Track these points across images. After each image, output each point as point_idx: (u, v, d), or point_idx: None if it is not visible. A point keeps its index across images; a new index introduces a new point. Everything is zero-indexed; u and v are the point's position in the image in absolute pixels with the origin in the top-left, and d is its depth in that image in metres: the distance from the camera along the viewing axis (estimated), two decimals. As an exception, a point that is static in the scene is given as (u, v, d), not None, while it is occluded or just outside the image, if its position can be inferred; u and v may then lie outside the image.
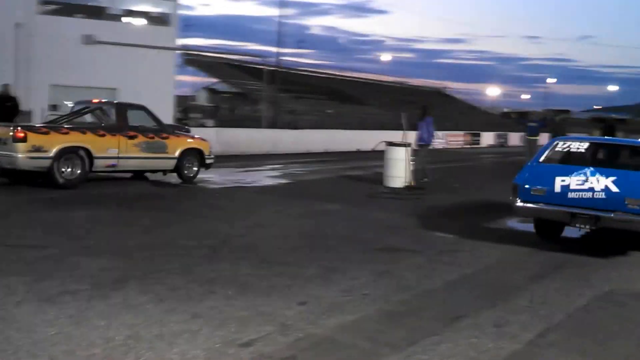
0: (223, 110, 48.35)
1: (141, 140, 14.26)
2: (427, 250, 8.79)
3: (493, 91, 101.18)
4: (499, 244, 9.43)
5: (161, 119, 15.23)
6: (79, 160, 13.16)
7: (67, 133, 13.16)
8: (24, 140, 12.48)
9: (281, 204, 12.34)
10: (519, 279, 7.48)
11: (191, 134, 16.09)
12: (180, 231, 9.31)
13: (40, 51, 21.18)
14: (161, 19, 27.33)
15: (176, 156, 14.80)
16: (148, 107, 15.01)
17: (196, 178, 15.23)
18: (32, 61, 21.13)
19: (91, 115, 14.53)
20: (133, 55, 23.97)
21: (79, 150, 13.15)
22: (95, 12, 24.53)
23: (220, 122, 34.15)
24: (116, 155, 13.82)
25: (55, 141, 12.83)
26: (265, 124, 33.15)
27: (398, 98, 75.92)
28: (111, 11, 25.28)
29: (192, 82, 57.34)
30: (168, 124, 15.94)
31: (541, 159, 10.16)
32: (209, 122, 34.47)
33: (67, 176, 13.02)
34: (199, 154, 15.28)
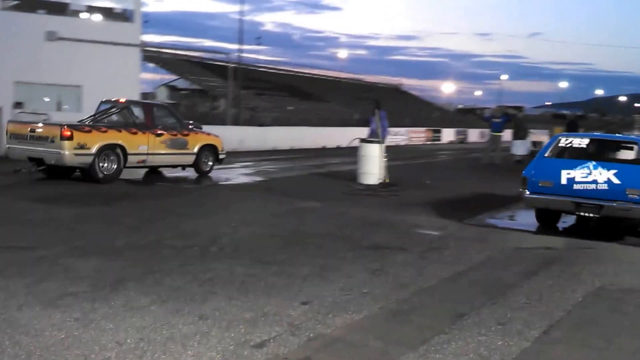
0: (182, 107, 47.84)
1: (167, 137, 15.18)
2: (414, 247, 8.84)
3: (448, 88, 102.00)
4: (484, 241, 9.53)
5: (181, 117, 16.28)
6: (115, 156, 14.05)
7: (106, 131, 14.02)
8: (71, 138, 13.30)
9: (261, 202, 12.31)
10: (511, 276, 7.57)
11: (206, 131, 16.77)
12: (166, 230, 9.23)
13: (3, 48, 20.69)
14: (124, 16, 26.94)
15: (195, 152, 15.82)
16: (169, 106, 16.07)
17: (210, 173, 16.33)
18: (-5, 58, 20.67)
19: (118, 114, 15.18)
20: (97, 52, 23.55)
21: (116, 147, 14.02)
22: (58, 9, 24.05)
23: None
24: (146, 151, 14.74)
25: (96, 139, 13.70)
26: (228, 122, 32.92)
27: (356, 95, 76.34)
28: (74, 7, 24.81)
29: (152, 80, 56.77)
30: (185, 121, 16.58)
31: (546, 154, 10.99)
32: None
33: (106, 171, 13.89)
34: (214, 150, 16.34)
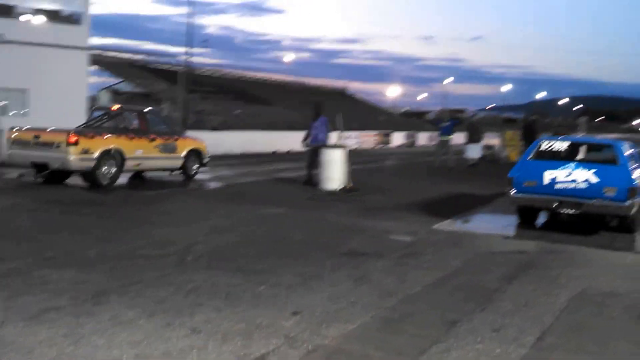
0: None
1: (159, 142, 15.87)
2: (390, 253, 8.81)
3: (393, 91, 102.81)
4: (457, 246, 9.57)
5: (170, 122, 16.97)
6: (114, 161, 14.61)
7: (107, 137, 14.67)
8: (77, 143, 13.88)
9: (227, 209, 12.12)
10: (492, 281, 7.58)
11: (191, 136, 17.64)
12: (137, 239, 9.01)
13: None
14: (71, 19, 26.35)
15: (183, 156, 16.54)
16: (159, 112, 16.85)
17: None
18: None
19: (114, 120, 15.81)
20: (44, 55, 23.06)
21: (115, 152, 14.60)
22: (3, 11, 23.38)
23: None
24: (141, 156, 15.37)
25: (98, 144, 14.29)
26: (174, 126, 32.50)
27: (302, 98, 76.39)
28: (20, 10, 24.17)
29: (95, 83, 55.80)
30: (172, 126, 17.44)
31: (529, 157, 11.96)
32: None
33: (107, 175, 14.47)
34: (199, 154, 17.05)
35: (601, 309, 6.66)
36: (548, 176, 11.13)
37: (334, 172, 15.36)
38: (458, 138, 31.52)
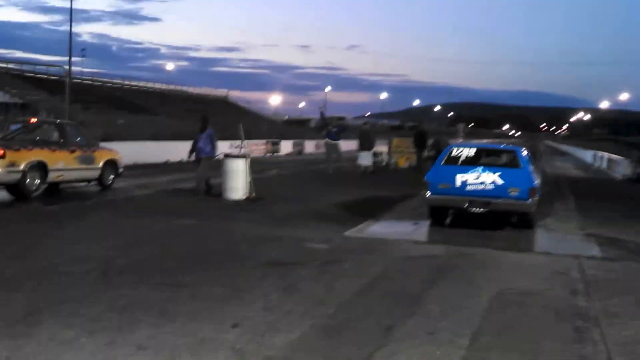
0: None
1: (79, 154, 16.15)
2: (310, 261, 8.94)
3: (274, 99, 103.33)
4: (372, 252, 9.83)
5: (86, 134, 17.35)
6: (38, 173, 14.79)
7: (32, 149, 14.81)
8: (4, 157, 13.95)
9: (136, 221, 11.90)
10: (415, 285, 7.86)
11: (107, 147, 18.13)
12: (53, 255, 8.73)
13: None
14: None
15: (100, 167, 16.90)
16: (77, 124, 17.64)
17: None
18: None
19: (31, 132, 15.99)
20: None
21: (39, 164, 14.76)
22: None
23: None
24: (63, 167, 15.60)
25: (24, 157, 14.44)
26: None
27: (186, 107, 75.65)
28: None
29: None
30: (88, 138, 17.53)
31: (442, 162, 13.29)
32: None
33: (31, 187, 14.63)
34: (115, 165, 17.48)
35: (523, 309, 7.05)
36: (459, 179, 12.39)
37: (237, 182, 15.37)
38: (348, 145, 32.19)
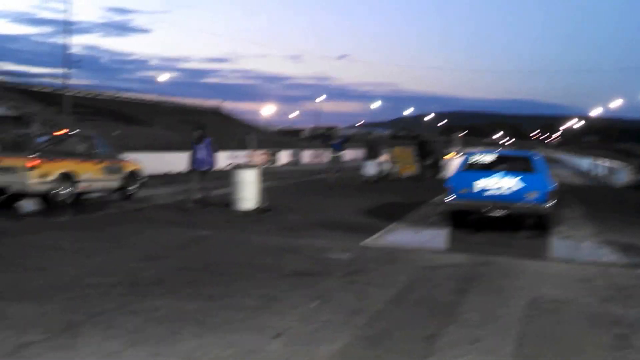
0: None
1: (105, 164, 16.90)
2: (335, 272, 8.88)
3: (267, 110, 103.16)
4: (394, 262, 9.77)
5: (111, 146, 18.23)
6: (68, 183, 15.46)
7: (62, 160, 15.49)
8: (36, 168, 14.62)
9: (149, 233, 11.81)
10: (445, 294, 7.82)
11: (129, 158, 18.64)
12: (75, 268, 8.64)
13: None
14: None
15: (124, 177, 17.57)
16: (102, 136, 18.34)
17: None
18: None
19: (60, 144, 16.34)
20: None
21: (69, 174, 15.45)
22: None
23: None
24: (90, 178, 16.31)
25: (55, 168, 15.10)
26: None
27: (179, 118, 75.48)
28: None
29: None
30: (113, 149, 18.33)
31: (462, 169, 14.07)
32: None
33: (61, 197, 15.22)
34: (137, 175, 18.16)
35: (558, 317, 7.00)
36: (479, 184, 13.08)
37: (248, 193, 15.32)
38: (351, 154, 32.13)
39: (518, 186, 12.90)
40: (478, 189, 13.06)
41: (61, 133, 17.23)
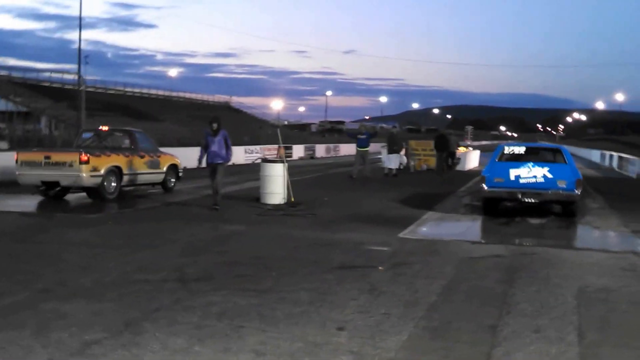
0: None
1: (147, 159, 17.57)
2: (379, 264, 8.90)
3: (276, 104, 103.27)
4: (436, 254, 9.80)
5: (152, 140, 18.70)
6: (115, 177, 16.17)
7: (110, 155, 16.21)
8: (88, 162, 15.32)
9: (183, 228, 11.83)
10: (494, 285, 7.84)
11: (168, 152, 19.31)
12: (118, 265, 8.64)
13: None
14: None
15: (165, 171, 18.27)
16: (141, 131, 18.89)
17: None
18: None
19: (105, 139, 17.60)
20: None
21: (116, 169, 16.16)
22: None
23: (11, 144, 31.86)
24: (135, 172, 16.98)
25: (104, 162, 15.81)
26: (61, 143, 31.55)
27: (189, 113, 75.53)
28: None
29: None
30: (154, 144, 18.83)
31: (497, 159, 15.02)
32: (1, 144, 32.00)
33: (111, 190, 15.99)
34: (176, 169, 18.84)
35: (611, 305, 7.05)
36: (513, 173, 13.88)
37: (277, 187, 15.34)
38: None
39: (549, 175, 13.69)
40: (512, 178, 13.80)
41: (104, 129, 18.14)
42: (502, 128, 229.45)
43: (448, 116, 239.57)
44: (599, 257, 9.94)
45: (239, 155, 32.50)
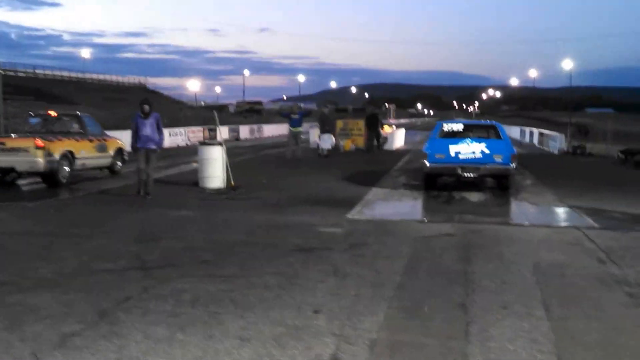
0: None
1: (96, 143, 17.73)
2: (336, 246, 9.02)
3: (193, 85, 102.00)
4: (389, 234, 9.99)
5: (99, 124, 18.88)
6: (68, 161, 16.23)
7: (62, 140, 16.27)
8: (43, 147, 15.36)
9: (133, 214, 11.69)
10: (454, 263, 8.07)
11: (113, 136, 19.51)
12: (76, 254, 8.47)
13: None
14: None
15: (112, 154, 18.51)
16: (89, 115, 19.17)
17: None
18: None
19: (54, 124, 17.59)
20: None
21: (69, 153, 16.22)
22: None
23: None
24: (85, 156, 17.05)
25: (57, 147, 15.86)
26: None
27: (105, 95, 73.84)
28: None
29: None
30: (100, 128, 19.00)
31: (437, 136, 15.91)
32: None
33: (65, 174, 16.10)
34: (122, 153, 19.07)
35: (567, 280, 7.39)
36: (453, 150, 14.76)
37: (215, 170, 15.23)
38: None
39: (486, 150, 14.65)
40: (452, 154, 14.71)
41: (53, 114, 18.22)
42: (419, 106, 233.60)
43: (366, 94, 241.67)
44: (545, 233, 10.33)
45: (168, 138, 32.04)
